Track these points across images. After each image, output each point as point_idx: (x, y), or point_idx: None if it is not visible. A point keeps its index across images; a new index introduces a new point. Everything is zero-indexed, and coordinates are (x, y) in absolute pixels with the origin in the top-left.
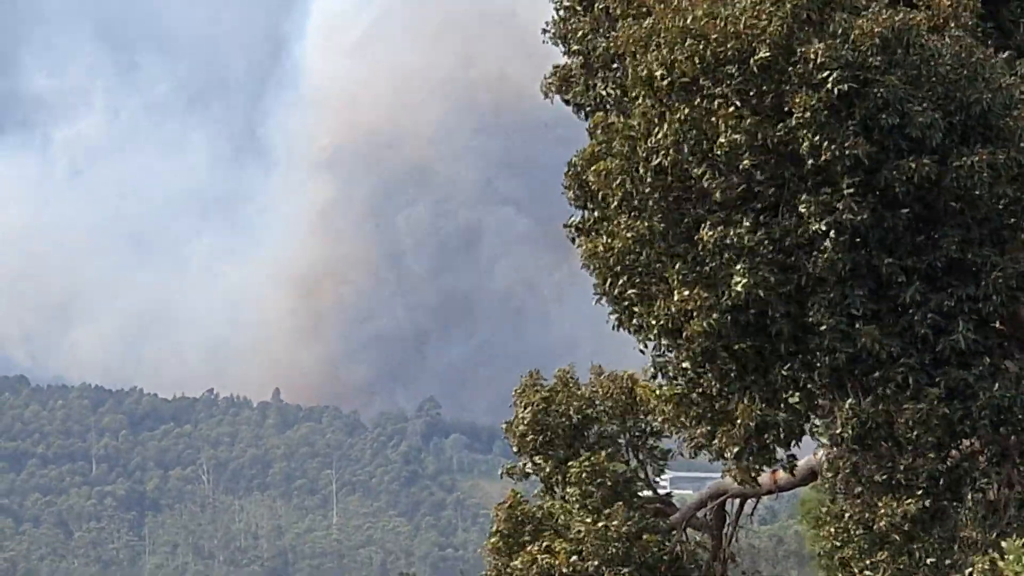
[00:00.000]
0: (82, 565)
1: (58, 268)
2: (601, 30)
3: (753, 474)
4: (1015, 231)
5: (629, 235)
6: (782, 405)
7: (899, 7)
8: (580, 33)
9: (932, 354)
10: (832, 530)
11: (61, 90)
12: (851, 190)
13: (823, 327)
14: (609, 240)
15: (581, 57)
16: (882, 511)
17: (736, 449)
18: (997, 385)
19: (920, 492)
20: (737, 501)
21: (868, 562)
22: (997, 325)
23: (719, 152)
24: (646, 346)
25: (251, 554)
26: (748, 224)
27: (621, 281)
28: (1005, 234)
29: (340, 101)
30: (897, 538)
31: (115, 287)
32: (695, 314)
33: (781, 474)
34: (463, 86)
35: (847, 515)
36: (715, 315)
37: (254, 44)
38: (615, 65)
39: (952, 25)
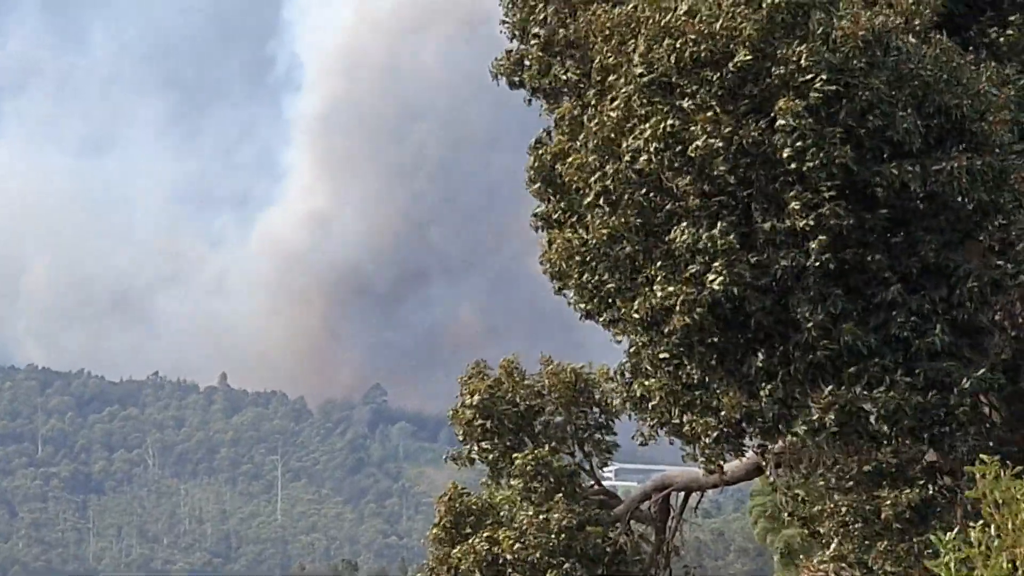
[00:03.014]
0: (26, 546)
1: (6, 246)
2: (562, 17)
3: (720, 462)
4: (987, 236)
5: (604, 231)
6: (761, 396)
7: (873, 8)
8: (542, 16)
9: (906, 353)
10: (833, 525)
11: (8, 60)
12: (832, 193)
13: (810, 324)
14: (583, 233)
15: (539, 40)
16: (888, 501)
17: (715, 435)
18: (980, 371)
19: (920, 483)
20: (682, 494)
21: (868, 556)
22: (968, 331)
23: (694, 156)
24: (619, 340)
25: (195, 538)
26: (722, 227)
27: (597, 276)
28: (979, 238)
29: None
30: (899, 526)
31: (66, 265)
32: (677, 309)
33: (727, 467)
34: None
35: (844, 508)
36: (699, 310)
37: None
38: (575, 52)
39: (917, 24)
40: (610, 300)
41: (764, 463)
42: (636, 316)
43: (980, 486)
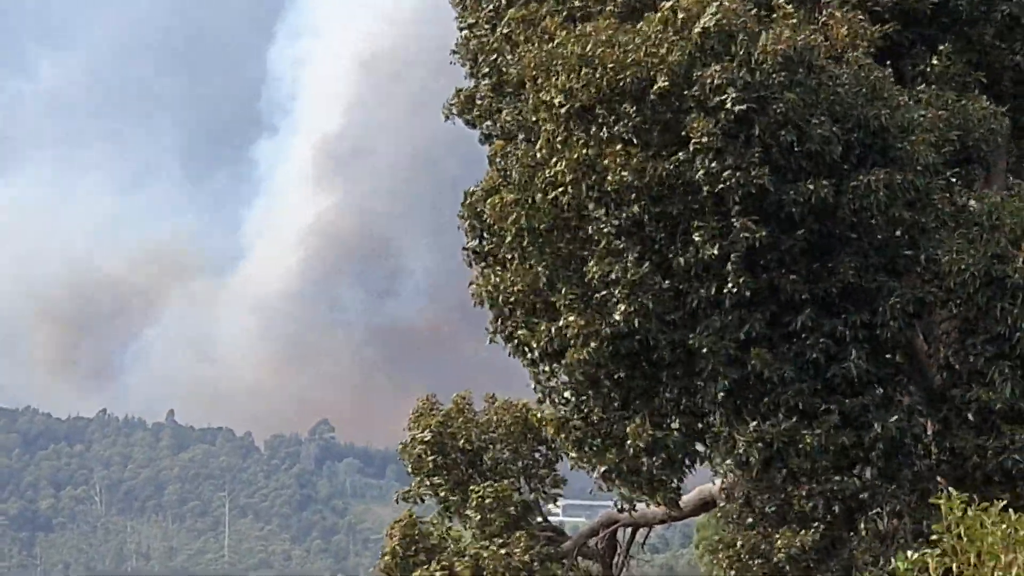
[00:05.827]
0: None
1: None
2: (507, 54)
3: (635, 498)
4: (911, 258)
5: (526, 281)
6: (670, 428)
7: (800, 29)
8: (492, 56)
9: (824, 380)
10: (726, 558)
11: None
12: (744, 210)
13: (705, 351)
14: (503, 272)
15: (490, 80)
16: (779, 543)
17: (626, 473)
18: (894, 417)
19: (816, 524)
20: (629, 530)
21: None
22: (890, 355)
23: (609, 190)
24: (534, 371)
25: (143, 575)
26: (634, 258)
27: (514, 315)
28: (901, 261)
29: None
30: (789, 569)
31: (10, 304)
32: (574, 342)
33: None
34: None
35: (739, 544)
36: (593, 343)
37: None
38: (522, 94)
39: (849, 55)
40: (520, 332)
41: (715, 496)
42: (537, 346)
43: (946, 520)
